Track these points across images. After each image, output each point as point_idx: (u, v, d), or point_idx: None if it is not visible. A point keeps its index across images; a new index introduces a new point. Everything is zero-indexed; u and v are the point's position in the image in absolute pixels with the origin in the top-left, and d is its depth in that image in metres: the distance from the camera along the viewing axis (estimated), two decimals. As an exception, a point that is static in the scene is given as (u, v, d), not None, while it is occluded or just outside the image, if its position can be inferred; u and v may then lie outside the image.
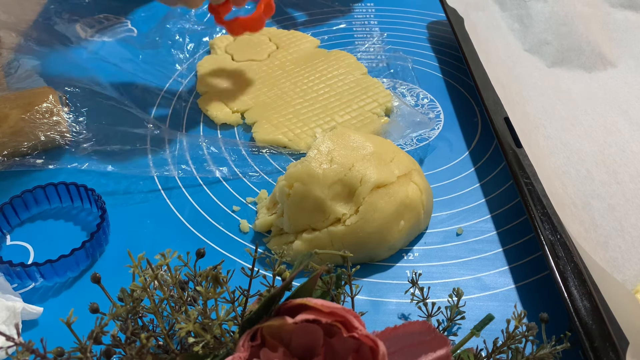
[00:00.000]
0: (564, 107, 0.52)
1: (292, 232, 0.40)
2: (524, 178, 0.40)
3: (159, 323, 0.27)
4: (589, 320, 0.31)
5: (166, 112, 0.54)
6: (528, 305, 0.37)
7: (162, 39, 0.63)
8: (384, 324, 0.33)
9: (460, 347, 0.32)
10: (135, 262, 0.26)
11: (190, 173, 0.46)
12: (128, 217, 0.43)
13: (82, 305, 0.29)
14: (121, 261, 0.39)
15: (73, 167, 0.45)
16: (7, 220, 0.41)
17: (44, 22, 0.62)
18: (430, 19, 0.70)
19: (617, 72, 0.57)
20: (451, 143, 0.51)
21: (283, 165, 0.48)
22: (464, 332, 0.34)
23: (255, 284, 0.29)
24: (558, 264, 0.34)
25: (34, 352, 0.23)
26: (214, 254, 0.40)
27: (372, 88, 0.55)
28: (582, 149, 0.47)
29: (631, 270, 0.38)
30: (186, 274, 0.28)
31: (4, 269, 0.36)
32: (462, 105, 0.56)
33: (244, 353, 0.24)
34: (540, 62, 0.58)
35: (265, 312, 0.26)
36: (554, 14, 0.61)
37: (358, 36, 0.66)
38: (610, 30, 0.62)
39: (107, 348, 0.26)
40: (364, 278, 0.39)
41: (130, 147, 0.48)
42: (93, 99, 0.52)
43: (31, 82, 0.52)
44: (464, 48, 0.55)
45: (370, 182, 0.38)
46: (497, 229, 0.43)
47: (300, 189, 0.38)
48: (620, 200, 0.42)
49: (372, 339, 0.24)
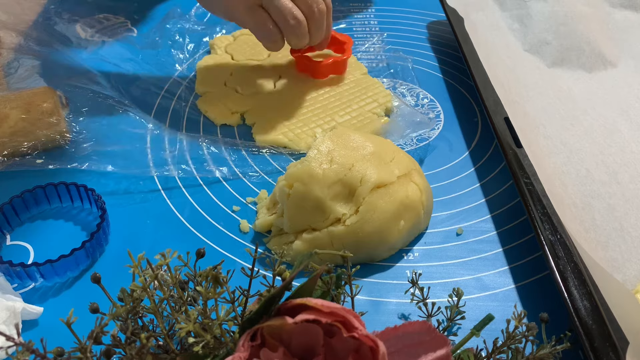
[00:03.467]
0: (564, 107, 0.52)
1: (292, 232, 0.40)
2: (524, 178, 0.40)
3: (159, 323, 0.27)
4: (589, 320, 0.31)
5: (166, 112, 0.54)
6: (528, 305, 0.37)
7: (162, 39, 0.63)
8: (384, 324, 0.33)
9: (460, 347, 0.32)
10: (135, 262, 0.26)
11: (190, 173, 0.46)
12: (128, 217, 0.43)
13: (82, 305, 0.29)
14: (121, 261, 0.39)
15: (73, 167, 0.45)
16: (7, 220, 0.41)
17: (44, 22, 0.62)
18: (430, 19, 0.71)
19: (617, 72, 0.57)
20: (451, 143, 0.51)
21: (283, 165, 0.48)
22: (464, 332, 0.34)
23: (255, 284, 0.29)
24: (558, 264, 0.34)
25: (34, 352, 0.23)
26: (214, 254, 0.40)
27: (372, 88, 0.55)
28: (582, 149, 0.47)
29: (631, 270, 0.38)
30: (186, 274, 0.29)
31: (4, 269, 0.36)
32: (462, 105, 0.56)
33: (244, 353, 0.24)
34: (540, 62, 0.59)
35: (265, 312, 0.26)
36: (554, 14, 0.61)
37: (358, 36, 0.66)
38: (610, 30, 0.62)
39: (107, 348, 0.26)
40: (364, 278, 0.39)
41: (130, 147, 0.48)
42: (93, 99, 0.52)
43: (31, 82, 0.52)
44: (464, 48, 0.55)
45: (370, 182, 0.38)
46: (497, 229, 0.43)
47: (300, 189, 0.38)
48: (620, 200, 0.42)
49: (372, 339, 0.24)
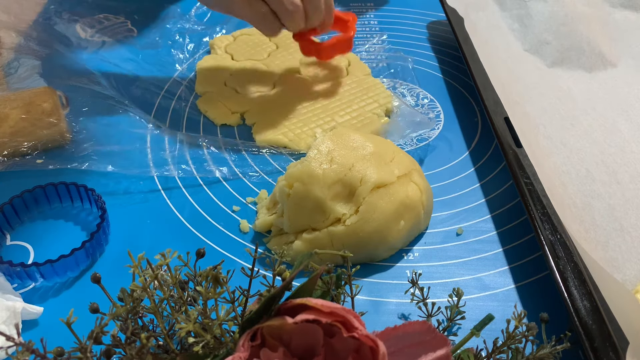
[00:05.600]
0: (564, 107, 0.52)
1: (292, 232, 0.40)
2: (524, 178, 0.40)
3: (159, 323, 0.27)
4: (589, 320, 0.31)
5: (166, 112, 0.54)
6: (528, 305, 0.37)
7: (162, 39, 0.63)
8: (384, 324, 0.33)
9: (460, 347, 0.32)
10: (135, 262, 0.26)
11: (190, 173, 0.46)
12: (128, 217, 0.43)
13: (82, 305, 0.29)
14: (121, 261, 0.39)
15: (73, 167, 0.45)
16: (7, 220, 0.41)
17: (44, 22, 0.63)
18: (430, 19, 0.71)
19: (617, 72, 0.57)
20: (451, 143, 0.51)
21: (283, 165, 0.48)
22: (464, 332, 0.34)
23: (255, 284, 0.29)
24: (558, 264, 0.34)
25: (34, 352, 0.23)
26: (214, 254, 0.40)
27: (373, 89, 0.55)
28: (582, 149, 0.47)
29: (631, 270, 0.38)
30: (186, 274, 0.29)
31: (4, 269, 0.36)
32: (462, 105, 0.56)
33: (244, 353, 0.24)
34: (540, 62, 0.59)
35: (265, 312, 0.26)
36: (554, 14, 0.61)
37: (358, 36, 0.66)
38: (610, 30, 0.62)
39: (107, 348, 0.26)
40: (364, 278, 0.39)
41: (130, 147, 0.48)
42: (93, 99, 0.52)
43: (31, 82, 0.52)
44: (464, 48, 0.55)
45: (370, 182, 0.38)
46: (497, 229, 0.43)
47: (300, 189, 0.38)
48: (620, 200, 0.42)
49: (372, 339, 0.24)
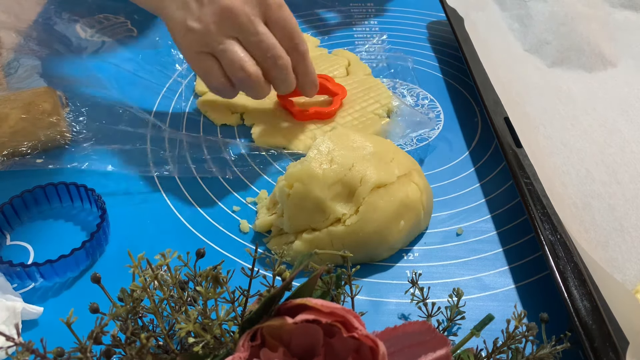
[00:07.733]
0: (564, 107, 0.52)
1: (292, 232, 0.40)
2: (524, 178, 0.40)
3: (159, 323, 0.27)
4: (589, 320, 0.31)
5: (166, 112, 0.54)
6: (528, 305, 0.37)
7: (162, 39, 0.63)
8: (384, 324, 0.33)
9: (460, 347, 0.32)
10: (135, 262, 0.26)
11: (190, 173, 0.46)
12: (128, 217, 0.43)
13: (82, 305, 0.29)
14: (121, 261, 0.39)
15: (73, 167, 0.45)
16: (7, 220, 0.41)
17: (44, 22, 0.62)
18: (430, 19, 0.71)
19: (617, 72, 0.57)
20: (451, 143, 0.51)
21: (283, 165, 0.48)
22: (464, 332, 0.34)
23: (255, 284, 0.29)
24: (558, 264, 0.34)
25: (34, 352, 0.23)
26: (214, 254, 0.40)
27: (375, 89, 0.55)
28: (582, 149, 0.47)
29: (631, 270, 0.38)
30: (186, 274, 0.29)
31: (4, 269, 0.36)
32: (462, 105, 0.56)
33: (244, 353, 0.24)
34: (540, 62, 0.59)
35: (265, 312, 0.26)
36: (554, 14, 0.61)
37: (358, 36, 0.66)
38: (610, 30, 0.62)
39: (107, 348, 0.26)
40: (364, 278, 0.39)
41: (130, 147, 0.48)
42: (93, 99, 0.52)
43: (31, 82, 0.52)
44: (464, 48, 0.55)
45: (370, 182, 0.38)
46: (497, 229, 0.43)
47: (300, 189, 0.38)
48: (620, 200, 0.42)
49: (372, 339, 0.24)
